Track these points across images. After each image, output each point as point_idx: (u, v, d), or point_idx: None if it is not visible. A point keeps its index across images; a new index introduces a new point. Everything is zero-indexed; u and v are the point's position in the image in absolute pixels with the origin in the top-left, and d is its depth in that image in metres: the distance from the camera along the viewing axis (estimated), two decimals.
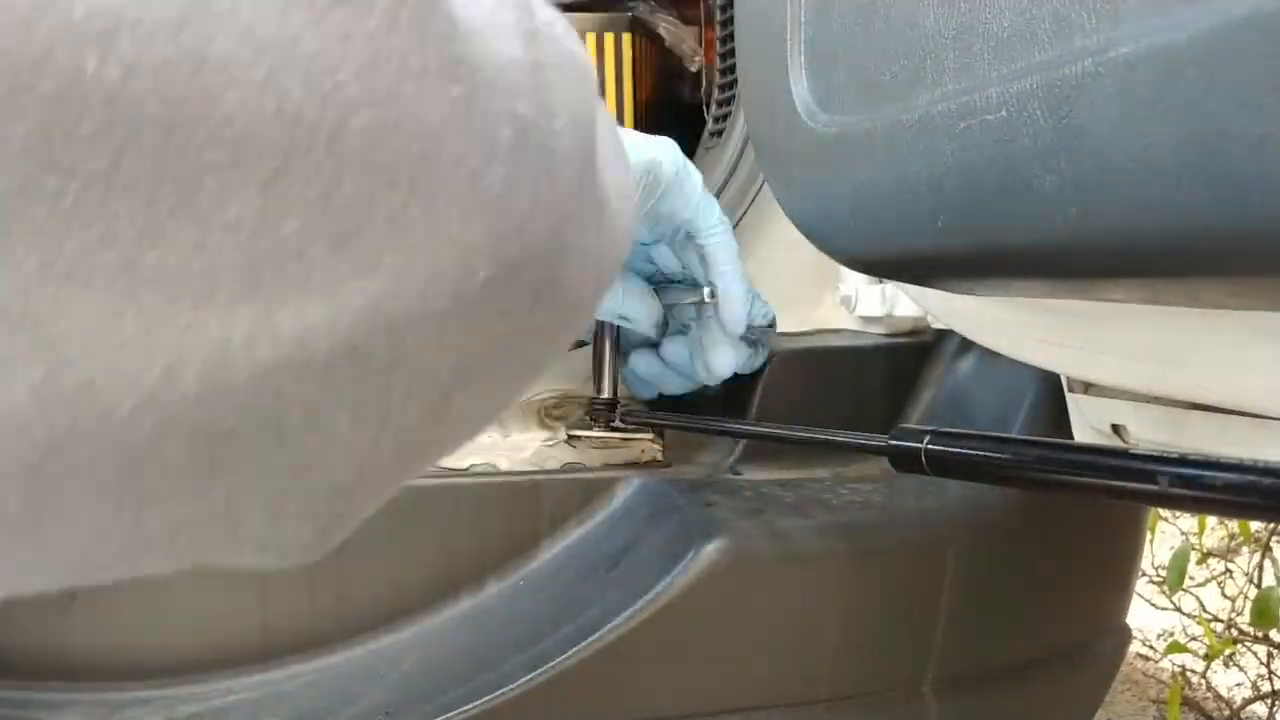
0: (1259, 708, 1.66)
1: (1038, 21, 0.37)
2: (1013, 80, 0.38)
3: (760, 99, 0.63)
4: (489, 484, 0.80)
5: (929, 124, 0.44)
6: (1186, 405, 0.61)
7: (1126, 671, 1.79)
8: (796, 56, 0.57)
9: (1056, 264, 0.42)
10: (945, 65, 0.43)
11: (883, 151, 0.49)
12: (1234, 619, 1.77)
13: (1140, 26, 0.32)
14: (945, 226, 0.46)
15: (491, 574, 0.80)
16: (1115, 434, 0.70)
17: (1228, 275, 0.35)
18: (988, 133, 0.40)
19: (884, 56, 0.49)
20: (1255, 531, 1.79)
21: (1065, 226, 0.38)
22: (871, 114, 0.50)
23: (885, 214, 0.51)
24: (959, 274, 0.52)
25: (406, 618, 0.79)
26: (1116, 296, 0.45)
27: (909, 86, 0.46)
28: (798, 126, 0.57)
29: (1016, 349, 0.64)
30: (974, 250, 0.46)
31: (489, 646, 0.78)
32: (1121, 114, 0.33)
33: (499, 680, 0.75)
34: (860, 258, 0.60)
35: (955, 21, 0.42)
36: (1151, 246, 0.35)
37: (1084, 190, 0.36)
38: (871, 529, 0.83)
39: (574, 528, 0.81)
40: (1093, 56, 0.34)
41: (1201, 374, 0.52)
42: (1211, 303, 0.40)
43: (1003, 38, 0.39)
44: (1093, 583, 1.01)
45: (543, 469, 0.84)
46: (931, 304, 0.73)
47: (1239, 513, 0.56)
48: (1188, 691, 1.67)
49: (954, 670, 0.89)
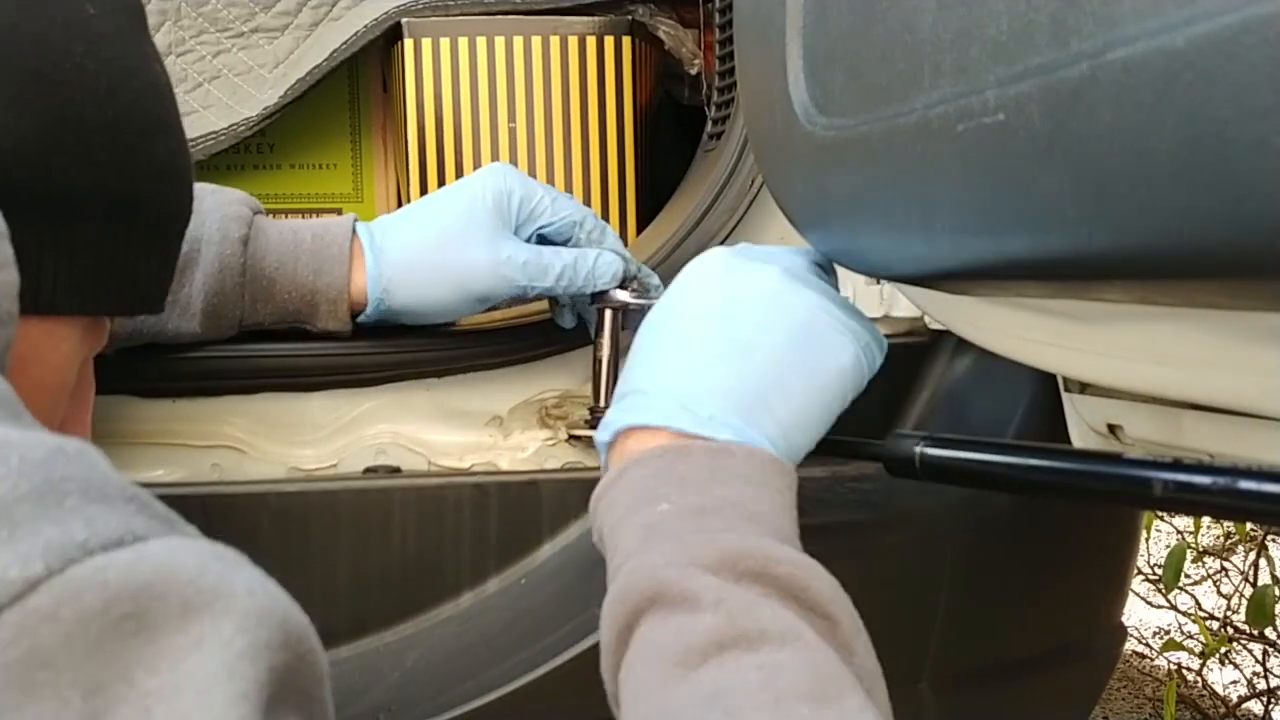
0: (1254, 705, 1.67)
1: (1035, 25, 0.37)
2: (1010, 83, 0.38)
3: (759, 102, 0.64)
4: (489, 484, 0.80)
5: (927, 127, 0.45)
6: (1183, 405, 0.61)
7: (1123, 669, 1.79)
8: (795, 60, 0.58)
9: (1053, 266, 0.42)
10: (943, 68, 0.43)
11: (880, 154, 0.50)
12: (1229, 617, 1.78)
13: (1137, 30, 0.32)
14: (942, 228, 0.46)
15: (493, 573, 0.80)
16: (1111, 434, 0.70)
17: (1225, 277, 0.35)
18: (985, 135, 0.40)
19: (882, 60, 0.49)
20: (1250, 530, 1.80)
21: (1062, 229, 0.38)
22: (869, 116, 0.50)
23: (883, 215, 0.51)
24: (956, 275, 0.52)
25: (408, 616, 0.79)
26: (1113, 297, 0.46)
27: (907, 89, 0.46)
28: (796, 129, 0.57)
29: (1013, 349, 0.64)
30: (971, 252, 0.46)
31: (490, 644, 0.78)
32: (1119, 117, 0.33)
33: (500, 678, 0.76)
34: (858, 259, 0.60)
35: (953, 25, 0.43)
36: (1149, 249, 0.35)
37: (1081, 193, 0.36)
38: (869, 528, 0.83)
39: (574, 528, 0.81)
40: (1090, 60, 0.34)
41: (1198, 374, 0.52)
42: (1208, 303, 0.40)
43: (1000, 41, 0.39)
44: (1089, 581, 1.02)
45: (543, 469, 0.85)
46: (929, 304, 0.74)
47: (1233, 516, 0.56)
48: (1183, 689, 1.67)
49: (951, 667, 0.89)
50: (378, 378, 0.83)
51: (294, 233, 0.76)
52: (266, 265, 0.74)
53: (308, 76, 0.97)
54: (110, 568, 0.27)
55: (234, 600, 0.28)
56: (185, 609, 0.27)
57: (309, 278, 0.75)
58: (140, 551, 0.28)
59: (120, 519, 0.30)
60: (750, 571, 0.45)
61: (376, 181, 1.12)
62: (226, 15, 1.04)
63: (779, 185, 0.64)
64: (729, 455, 0.51)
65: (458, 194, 0.77)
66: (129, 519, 0.30)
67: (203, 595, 0.28)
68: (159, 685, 0.26)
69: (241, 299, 0.74)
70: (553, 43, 0.97)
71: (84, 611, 0.26)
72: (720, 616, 0.42)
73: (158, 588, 0.27)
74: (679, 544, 0.46)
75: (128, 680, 0.26)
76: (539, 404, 0.86)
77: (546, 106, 0.98)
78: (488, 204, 0.75)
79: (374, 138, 1.12)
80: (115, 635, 0.26)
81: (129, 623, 0.27)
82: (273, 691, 0.28)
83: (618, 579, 0.47)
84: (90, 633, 0.26)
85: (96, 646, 0.26)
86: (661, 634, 0.43)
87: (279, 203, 1.09)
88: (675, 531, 0.47)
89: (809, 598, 0.45)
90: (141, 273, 0.54)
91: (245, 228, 0.74)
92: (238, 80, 1.02)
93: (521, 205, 0.76)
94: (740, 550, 0.45)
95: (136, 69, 0.52)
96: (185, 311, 0.73)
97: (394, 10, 0.97)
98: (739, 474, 0.50)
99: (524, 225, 0.77)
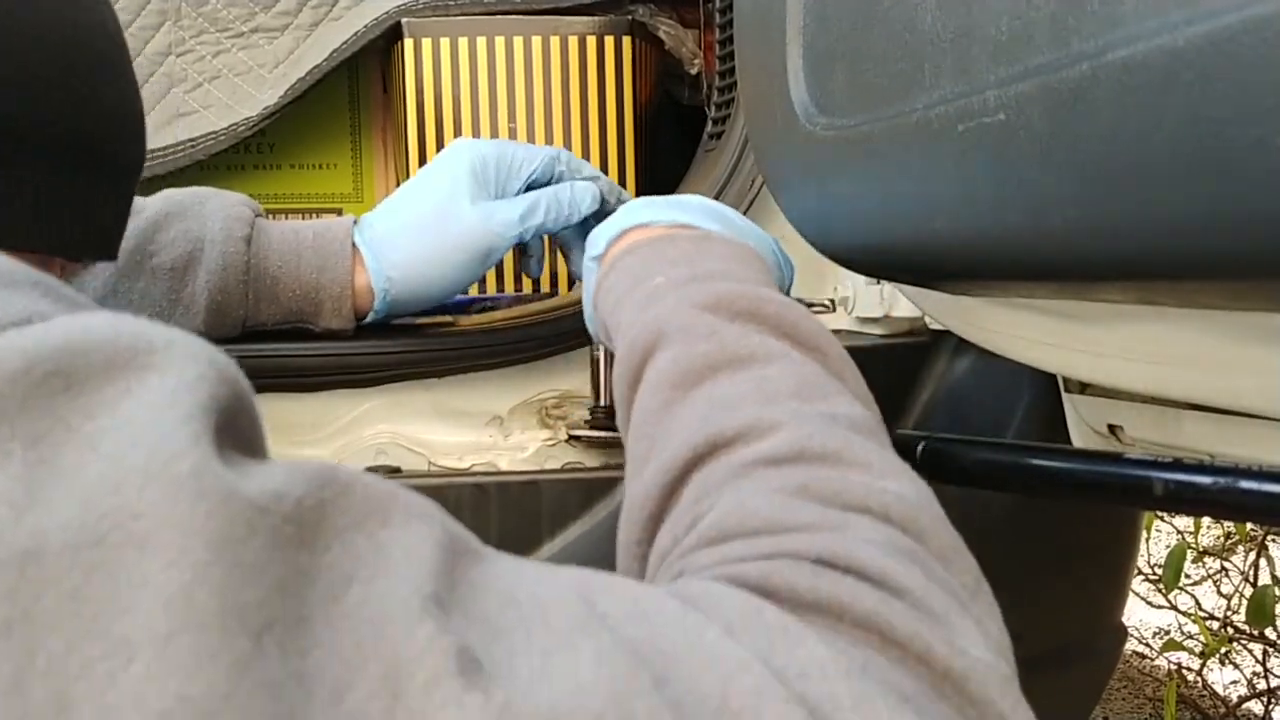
0: (1254, 705, 1.67)
1: (1035, 25, 0.37)
2: (1011, 83, 0.38)
3: (759, 101, 0.64)
4: (489, 484, 0.80)
5: (927, 127, 0.45)
6: (1183, 406, 0.61)
7: (1123, 669, 1.79)
8: (795, 59, 0.58)
9: (1054, 266, 0.42)
10: (943, 68, 0.43)
11: (881, 154, 0.50)
12: (1230, 617, 1.78)
13: (1137, 30, 0.32)
14: (943, 228, 0.46)
15: None
16: (1112, 434, 0.70)
17: (1225, 277, 0.35)
18: (986, 135, 0.40)
19: (882, 59, 0.49)
20: (1250, 530, 1.80)
21: (1063, 229, 0.38)
22: (870, 116, 0.50)
23: (883, 215, 0.51)
24: (957, 275, 0.52)
25: None
26: (1114, 298, 0.46)
27: (907, 89, 0.46)
28: (796, 129, 0.57)
29: (1014, 349, 0.64)
30: (971, 251, 0.46)
31: None
32: (1119, 117, 0.33)
33: None
34: (858, 258, 0.60)
35: (953, 25, 0.43)
36: (1149, 249, 0.35)
37: (1081, 193, 0.36)
38: None
39: (574, 528, 0.81)
40: (1090, 60, 0.34)
41: (1198, 375, 0.52)
42: (1209, 303, 0.40)
43: (1001, 41, 0.39)
44: (1089, 581, 1.02)
45: (543, 469, 0.85)
46: (929, 305, 0.74)
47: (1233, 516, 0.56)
48: (1184, 689, 1.67)
49: None
50: (378, 378, 0.83)
51: (295, 232, 0.76)
52: (270, 264, 0.75)
53: (308, 76, 0.97)
54: (23, 338, 0.27)
55: (156, 353, 0.28)
56: (109, 364, 0.27)
57: (312, 275, 0.75)
58: (50, 325, 0.28)
59: (27, 301, 0.30)
60: (744, 311, 0.48)
61: (377, 182, 1.12)
62: (226, 15, 1.04)
63: (779, 185, 0.64)
64: (713, 239, 0.56)
65: (434, 173, 0.78)
66: (35, 301, 0.30)
67: (123, 352, 0.28)
68: (99, 426, 0.26)
69: (245, 298, 0.75)
70: (553, 43, 0.97)
71: (7, 375, 0.26)
72: (714, 344, 0.46)
73: (77, 346, 0.27)
74: (677, 298, 0.50)
75: (66, 426, 0.26)
76: (539, 404, 0.86)
77: (546, 106, 0.98)
78: (465, 174, 0.77)
79: (374, 138, 1.12)
80: (44, 392, 0.26)
81: (55, 380, 0.26)
82: (218, 421, 0.27)
83: (624, 339, 0.51)
84: (18, 391, 0.26)
85: (26, 403, 0.26)
86: (661, 365, 0.47)
87: (279, 203, 1.09)
88: (672, 292, 0.51)
89: (799, 333, 0.47)
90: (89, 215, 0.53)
91: (248, 228, 0.74)
92: (238, 80, 1.02)
93: (499, 167, 0.78)
94: (734, 293, 0.49)
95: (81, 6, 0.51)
96: (189, 310, 0.73)
97: (394, 10, 0.97)
98: (723, 254, 0.55)
99: (510, 182, 0.79)
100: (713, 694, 0.27)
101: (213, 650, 0.23)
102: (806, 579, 0.32)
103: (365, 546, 0.26)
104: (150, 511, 0.24)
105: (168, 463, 0.25)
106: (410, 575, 0.26)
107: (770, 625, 0.30)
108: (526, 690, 0.25)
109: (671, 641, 0.28)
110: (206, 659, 0.22)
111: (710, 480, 0.40)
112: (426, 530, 0.28)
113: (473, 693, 0.24)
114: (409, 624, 0.25)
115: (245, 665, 0.23)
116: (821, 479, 0.37)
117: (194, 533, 0.24)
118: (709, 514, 0.38)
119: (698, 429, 0.42)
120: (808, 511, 0.36)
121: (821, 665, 0.29)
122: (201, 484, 0.25)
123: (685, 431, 0.42)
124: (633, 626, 0.29)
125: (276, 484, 0.26)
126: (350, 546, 0.26)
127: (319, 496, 0.26)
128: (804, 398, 0.43)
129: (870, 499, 0.36)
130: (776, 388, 0.43)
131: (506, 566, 0.30)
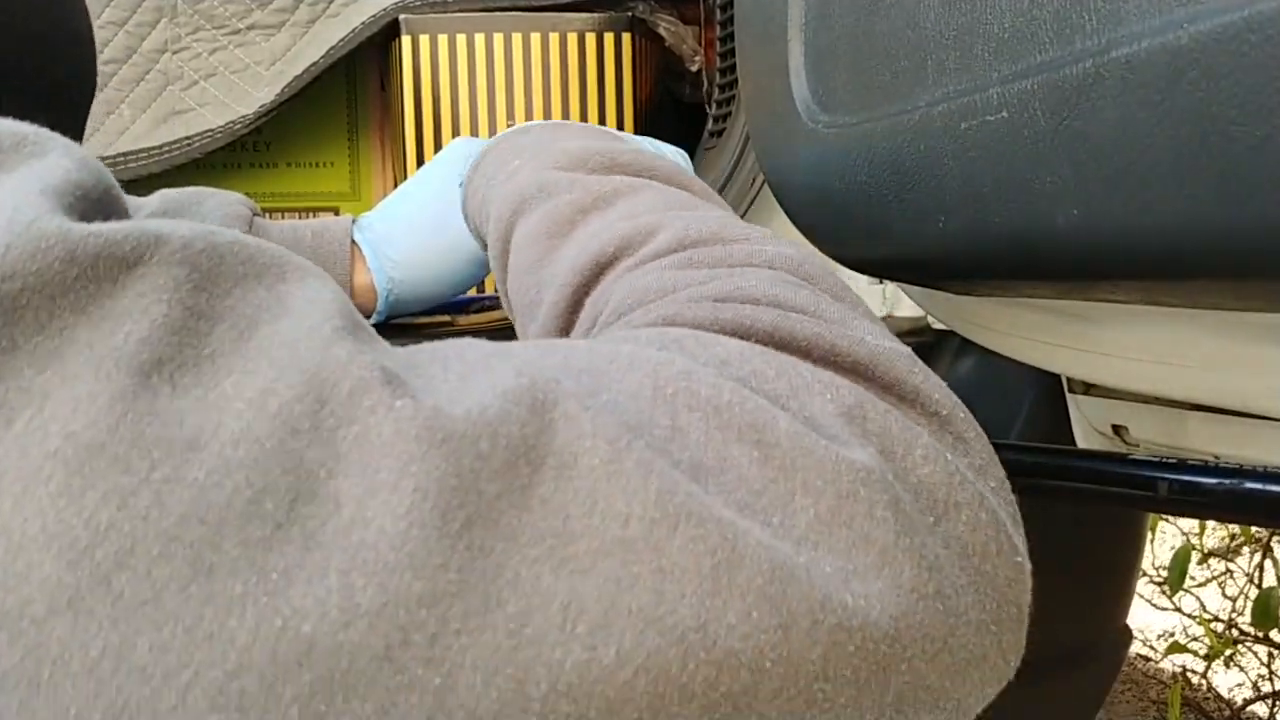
0: (1259, 708, 1.66)
1: (1039, 23, 0.37)
2: (1014, 81, 0.38)
3: (760, 99, 0.63)
4: None
5: (930, 124, 0.44)
6: (1188, 407, 0.61)
7: (1127, 671, 1.79)
8: (797, 56, 0.57)
9: (1057, 265, 0.42)
10: (946, 66, 0.43)
11: (883, 152, 0.49)
12: (1234, 619, 1.77)
13: (1141, 28, 0.32)
14: (946, 227, 0.45)
15: None
16: (1116, 435, 0.70)
17: (1230, 276, 0.34)
18: (989, 133, 0.40)
19: (885, 57, 0.48)
20: (1255, 532, 1.79)
21: (1066, 227, 0.38)
22: (872, 114, 0.50)
23: (885, 214, 0.51)
24: (959, 274, 0.51)
25: None
26: (1117, 297, 0.45)
27: (909, 87, 0.46)
28: (798, 126, 0.57)
29: (1017, 350, 0.64)
30: (974, 251, 0.46)
31: None
32: (1123, 115, 0.33)
33: None
34: (860, 258, 0.60)
35: (956, 22, 0.42)
36: (1152, 247, 0.35)
37: (1085, 191, 0.36)
38: None
39: None
40: (1094, 58, 0.34)
41: (1203, 375, 0.52)
42: (1213, 304, 0.40)
43: (1004, 39, 0.39)
44: (1094, 583, 1.01)
45: None
46: (932, 305, 0.73)
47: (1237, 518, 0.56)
48: (1188, 692, 1.67)
49: None
50: None
51: (294, 230, 0.76)
52: None
53: (305, 74, 0.97)
54: None
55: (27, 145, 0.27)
56: None
57: None
58: None
59: None
60: (600, 165, 0.49)
61: (374, 180, 1.12)
62: (223, 12, 1.03)
63: (780, 182, 0.63)
64: (568, 124, 0.57)
65: (434, 173, 0.77)
66: None
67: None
68: None
69: None
70: (552, 39, 0.96)
71: None
72: (577, 191, 0.47)
73: None
74: (532, 167, 0.51)
75: None
76: None
77: (546, 104, 0.97)
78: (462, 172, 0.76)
79: (371, 136, 1.11)
80: None
81: None
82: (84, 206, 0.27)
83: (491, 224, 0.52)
84: None
85: None
86: (529, 225, 0.47)
87: (275, 201, 1.08)
88: (528, 164, 0.52)
89: (657, 173, 0.48)
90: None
91: (246, 227, 0.74)
92: (234, 78, 1.02)
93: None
94: (588, 149, 0.50)
95: None
96: None
97: (391, 7, 0.97)
98: (578, 131, 0.56)
99: None
100: (644, 386, 0.28)
101: (92, 393, 0.23)
102: (708, 312, 0.33)
103: (266, 296, 0.26)
104: (18, 271, 0.23)
105: (30, 224, 0.24)
106: (317, 314, 0.26)
107: (681, 336, 0.31)
108: (452, 399, 0.25)
109: (589, 361, 0.29)
110: (85, 400, 0.23)
111: (603, 296, 0.41)
112: (323, 284, 0.28)
113: (402, 399, 0.24)
114: (326, 345, 0.25)
115: (131, 398, 0.23)
116: (705, 253, 0.39)
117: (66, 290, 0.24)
118: (605, 310, 0.39)
119: (579, 257, 0.43)
120: (698, 274, 0.37)
121: (740, 352, 0.30)
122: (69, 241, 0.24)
123: (569, 262, 0.43)
124: (548, 357, 0.29)
125: (162, 231, 0.25)
126: (250, 293, 0.26)
127: (209, 241, 0.26)
128: (678, 209, 0.44)
129: (754, 258, 0.38)
130: (650, 207, 0.44)
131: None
